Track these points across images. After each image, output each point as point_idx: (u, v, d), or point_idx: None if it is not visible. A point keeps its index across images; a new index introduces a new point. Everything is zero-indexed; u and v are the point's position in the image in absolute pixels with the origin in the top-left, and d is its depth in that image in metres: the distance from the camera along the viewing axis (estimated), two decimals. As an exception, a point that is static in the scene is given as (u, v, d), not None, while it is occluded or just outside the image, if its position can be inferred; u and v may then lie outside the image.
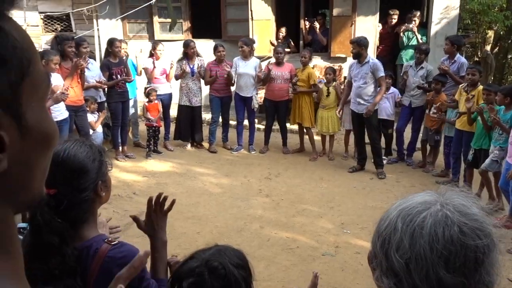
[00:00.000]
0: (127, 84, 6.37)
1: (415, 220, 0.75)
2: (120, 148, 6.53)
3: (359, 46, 5.74)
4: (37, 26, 9.66)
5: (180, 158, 6.67)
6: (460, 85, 5.63)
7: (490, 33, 10.53)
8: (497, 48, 10.79)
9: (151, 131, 6.64)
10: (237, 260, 1.33)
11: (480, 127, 5.02)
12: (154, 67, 6.65)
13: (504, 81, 10.59)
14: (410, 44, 7.87)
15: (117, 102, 6.25)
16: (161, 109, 6.68)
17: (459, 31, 8.84)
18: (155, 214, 1.54)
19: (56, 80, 5.12)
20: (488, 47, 10.59)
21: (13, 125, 0.47)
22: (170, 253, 4.04)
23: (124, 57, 6.56)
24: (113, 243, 1.33)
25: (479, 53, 10.75)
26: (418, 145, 6.55)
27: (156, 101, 6.61)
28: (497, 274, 0.75)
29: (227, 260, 1.30)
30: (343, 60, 8.62)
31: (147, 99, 6.59)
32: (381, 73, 5.79)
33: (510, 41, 10.38)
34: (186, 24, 9.52)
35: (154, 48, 6.72)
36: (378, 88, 5.84)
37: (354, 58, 5.94)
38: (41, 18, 9.72)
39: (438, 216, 0.74)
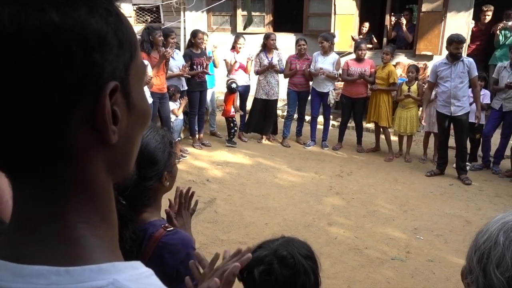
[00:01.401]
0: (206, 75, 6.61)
1: None
2: (197, 135, 6.80)
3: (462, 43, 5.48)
4: (130, 17, 10.33)
5: (253, 150, 6.79)
6: None
7: None
8: None
9: (228, 121, 6.86)
10: (305, 251, 1.34)
11: None
12: (236, 61, 6.82)
13: None
14: (506, 43, 7.25)
15: (196, 91, 6.50)
16: (236, 101, 6.82)
17: None
18: (185, 212, 1.57)
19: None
20: None
21: (124, 102, 0.53)
22: (238, 241, 4.17)
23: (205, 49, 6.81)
24: (168, 229, 1.37)
25: None
26: (508, 152, 6.04)
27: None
28: None
29: (295, 250, 1.32)
30: (429, 58, 8.18)
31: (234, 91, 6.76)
32: (476, 72, 5.48)
33: None
34: (268, 18, 9.61)
35: (236, 41, 6.89)
36: (470, 89, 5.50)
37: (455, 58, 5.44)
38: (134, 10, 10.38)
39: None
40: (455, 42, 5.39)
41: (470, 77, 5.43)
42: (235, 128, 6.89)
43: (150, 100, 5.60)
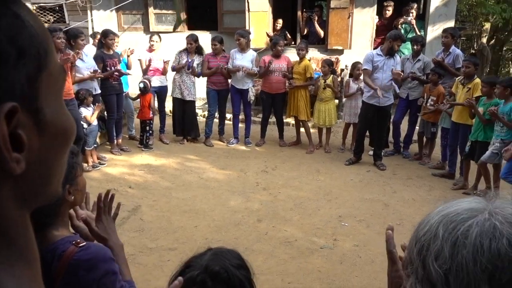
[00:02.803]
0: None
1: (459, 228, 0.69)
2: (116, 141, 6.48)
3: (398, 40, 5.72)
4: (30, 17, 9.52)
5: (175, 152, 6.62)
6: (457, 78, 5.62)
7: (487, 25, 10.52)
8: (493, 40, 10.79)
9: (143, 124, 6.61)
10: (236, 261, 1.29)
11: (478, 119, 5.01)
12: (150, 62, 6.58)
13: (499, 74, 10.60)
14: (408, 36, 7.84)
15: (112, 94, 6.17)
16: (152, 102, 6.60)
17: (456, 23, 8.82)
18: (105, 217, 1.47)
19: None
20: (484, 39, 10.58)
21: (31, 122, 0.44)
22: (168, 247, 4.01)
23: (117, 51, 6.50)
24: (80, 245, 1.27)
25: (475, 45, 10.75)
26: (415, 137, 6.55)
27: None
28: None
29: (227, 263, 1.26)
30: (340, 52, 8.59)
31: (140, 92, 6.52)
32: (400, 68, 5.91)
33: (506, 33, 10.37)
34: (182, 16, 9.42)
35: (150, 39, 6.66)
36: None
37: (391, 53, 5.74)
38: (34, 9, 9.58)
39: (485, 226, 0.68)
40: (400, 39, 5.72)
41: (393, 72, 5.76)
42: (151, 132, 6.65)
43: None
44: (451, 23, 7.98)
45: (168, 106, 7.27)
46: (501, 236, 0.66)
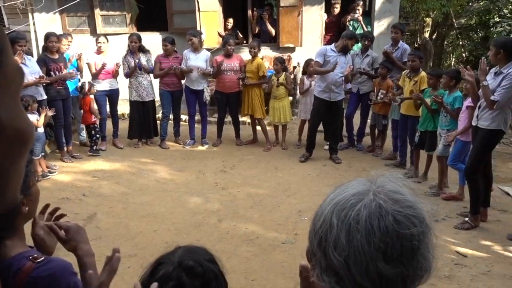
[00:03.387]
0: (68, 81, 6.07)
1: (350, 214, 0.73)
2: (65, 148, 6.22)
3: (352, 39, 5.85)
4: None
5: (130, 156, 6.46)
6: (403, 72, 5.85)
7: (428, 21, 11.03)
8: (435, 34, 11.32)
9: (88, 129, 6.41)
10: (208, 256, 1.29)
11: (426, 110, 5.24)
12: (105, 63, 6.38)
13: (442, 66, 11.15)
14: (356, 33, 8.06)
15: (57, 100, 5.89)
16: (92, 106, 6.37)
17: (400, 19, 9.19)
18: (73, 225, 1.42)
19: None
20: (426, 34, 11.09)
21: None
22: (128, 254, 3.90)
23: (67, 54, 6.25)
24: (38, 260, 1.19)
25: (418, 40, 11.24)
26: (367, 130, 6.75)
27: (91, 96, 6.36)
28: (433, 256, 0.74)
29: (201, 257, 1.25)
30: (292, 50, 8.70)
31: (85, 95, 6.28)
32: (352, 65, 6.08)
33: (446, 28, 10.92)
34: (130, 17, 9.19)
35: (97, 41, 6.44)
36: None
37: (345, 51, 5.88)
38: (-31, 13, 9.02)
39: (372, 207, 0.72)
40: (354, 39, 5.92)
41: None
42: (97, 135, 6.44)
43: None
44: (395, 19, 8.30)
45: (122, 109, 7.07)
46: (386, 214, 0.71)
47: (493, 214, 4.53)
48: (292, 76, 7.57)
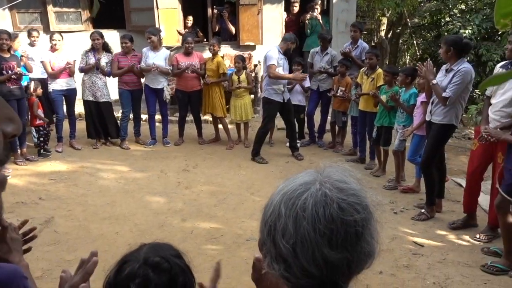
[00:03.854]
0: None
1: (297, 203, 0.75)
2: (19, 151, 5.96)
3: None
4: None
5: (89, 157, 6.27)
6: (361, 69, 6.01)
7: (384, 20, 11.36)
8: (391, 33, 11.69)
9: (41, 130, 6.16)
10: (174, 252, 1.28)
11: (382, 106, 5.40)
12: (68, 62, 6.14)
13: (398, 64, 11.52)
14: (315, 31, 8.20)
15: (11, 100, 5.63)
16: (35, 108, 6.04)
17: (357, 18, 9.41)
18: (10, 237, 1.36)
19: None
20: (382, 33, 11.43)
21: None
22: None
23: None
24: None
25: (375, 39, 11.57)
26: (328, 127, 6.88)
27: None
28: (377, 242, 0.78)
29: (167, 253, 1.24)
30: (252, 48, 8.73)
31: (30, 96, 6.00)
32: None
33: (401, 27, 11.29)
34: (86, 14, 8.92)
35: (51, 39, 6.20)
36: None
37: (287, 53, 6.00)
38: None
39: (318, 196, 0.75)
40: (296, 43, 6.03)
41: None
42: (41, 139, 6.16)
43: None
44: (352, 18, 8.49)
45: (78, 109, 6.85)
46: (331, 202, 0.74)
47: (448, 205, 4.75)
48: (253, 75, 7.60)
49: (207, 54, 6.96)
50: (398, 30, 11.44)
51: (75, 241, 3.96)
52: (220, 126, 6.96)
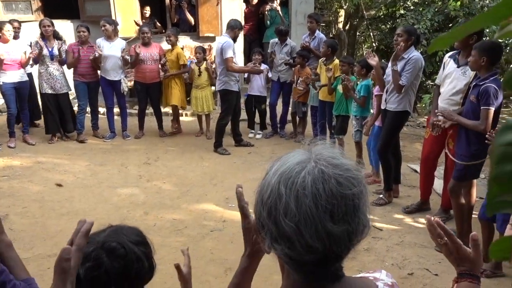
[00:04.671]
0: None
1: (296, 181, 0.77)
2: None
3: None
4: None
5: (44, 152, 6.04)
6: (320, 59, 6.10)
7: (342, 12, 11.57)
8: (348, 25, 11.93)
9: None
10: (136, 237, 1.27)
11: (339, 95, 5.53)
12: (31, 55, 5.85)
13: (355, 55, 11.79)
14: (274, 22, 8.23)
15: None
16: None
17: (315, 10, 9.53)
18: None
19: None
20: (340, 25, 11.64)
21: None
22: (47, 254, 3.68)
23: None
24: None
25: (333, 31, 11.77)
26: (289, 117, 6.96)
27: None
28: (369, 213, 0.82)
29: (125, 239, 1.23)
30: (212, 39, 8.64)
31: None
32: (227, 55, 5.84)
33: (358, 19, 11.54)
34: (36, 3, 8.52)
35: (1, 29, 5.89)
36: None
37: (235, 41, 5.94)
38: None
39: (315, 173, 0.77)
40: (241, 29, 5.95)
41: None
42: None
43: None
44: (311, 10, 8.59)
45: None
46: (329, 177, 0.77)
47: (404, 190, 4.94)
48: (213, 66, 7.54)
49: (166, 46, 6.84)
50: (355, 22, 11.69)
51: (32, 238, 3.82)
52: (181, 118, 6.88)
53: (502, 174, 0.50)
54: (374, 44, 10.91)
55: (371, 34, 11.09)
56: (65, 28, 7.80)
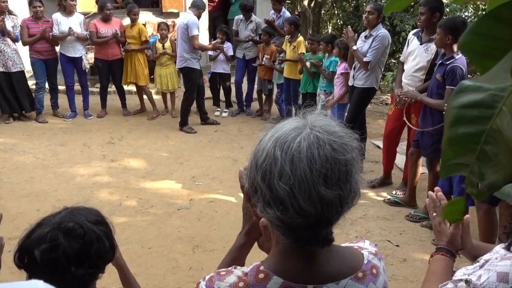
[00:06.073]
0: None
1: (292, 146, 0.78)
2: None
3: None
4: None
5: (1, 133, 5.78)
6: (285, 36, 6.08)
7: (306, -11, 11.49)
8: (313, 3, 11.89)
9: None
10: (94, 217, 1.24)
11: (306, 73, 5.55)
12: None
13: (320, 33, 11.81)
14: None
15: None
16: None
17: (281, -14, 9.39)
18: None
19: None
20: (305, 2, 11.59)
21: None
22: (7, 237, 3.57)
23: None
24: None
25: (298, 8, 11.71)
26: (255, 95, 6.95)
27: None
28: (360, 180, 0.84)
29: (83, 219, 1.20)
30: (176, 15, 8.43)
31: None
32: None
33: (323, -4, 11.51)
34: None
35: None
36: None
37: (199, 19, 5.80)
38: None
39: (310, 139, 0.78)
40: (204, 8, 5.88)
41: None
42: None
43: None
44: (276, -14, 8.48)
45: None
46: (324, 143, 0.79)
47: (368, 165, 5.07)
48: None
49: (126, 22, 6.61)
50: (320, 0, 11.67)
51: (-9, 222, 3.68)
52: (145, 96, 6.74)
53: (455, 137, 0.51)
54: (338, 23, 10.97)
55: (336, 12, 11.12)
56: (16, 2, 7.37)
